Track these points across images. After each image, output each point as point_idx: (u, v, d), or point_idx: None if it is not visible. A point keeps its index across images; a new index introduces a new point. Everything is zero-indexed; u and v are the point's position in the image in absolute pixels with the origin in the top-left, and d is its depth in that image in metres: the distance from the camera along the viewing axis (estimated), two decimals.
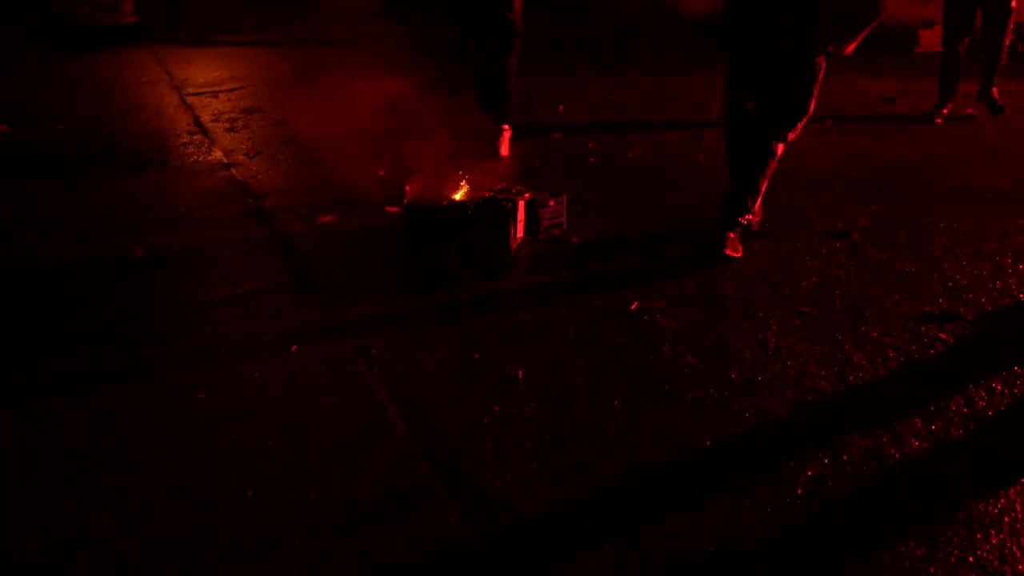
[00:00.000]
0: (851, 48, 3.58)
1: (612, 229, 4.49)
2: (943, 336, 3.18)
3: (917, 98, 7.46)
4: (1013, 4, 6.35)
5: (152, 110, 8.36)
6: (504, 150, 5.95)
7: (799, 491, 2.29)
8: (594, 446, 2.53)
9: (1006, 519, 2.18)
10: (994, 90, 6.75)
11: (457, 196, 4.42)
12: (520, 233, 4.36)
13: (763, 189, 3.96)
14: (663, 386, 2.86)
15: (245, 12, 19.53)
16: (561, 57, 10.66)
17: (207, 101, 8.85)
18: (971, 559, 2.04)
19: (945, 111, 6.76)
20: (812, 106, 3.72)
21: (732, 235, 3.95)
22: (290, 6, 19.38)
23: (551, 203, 4.52)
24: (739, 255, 3.92)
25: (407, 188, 4.57)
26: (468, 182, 4.57)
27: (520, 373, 2.96)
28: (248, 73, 11.25)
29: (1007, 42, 6.51)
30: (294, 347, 3.20)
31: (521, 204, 4.36)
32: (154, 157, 6.29)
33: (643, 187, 5.23)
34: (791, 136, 3.81)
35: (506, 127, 5.97)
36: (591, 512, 2.25)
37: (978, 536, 2.11)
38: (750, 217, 4.06)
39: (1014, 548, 2.08)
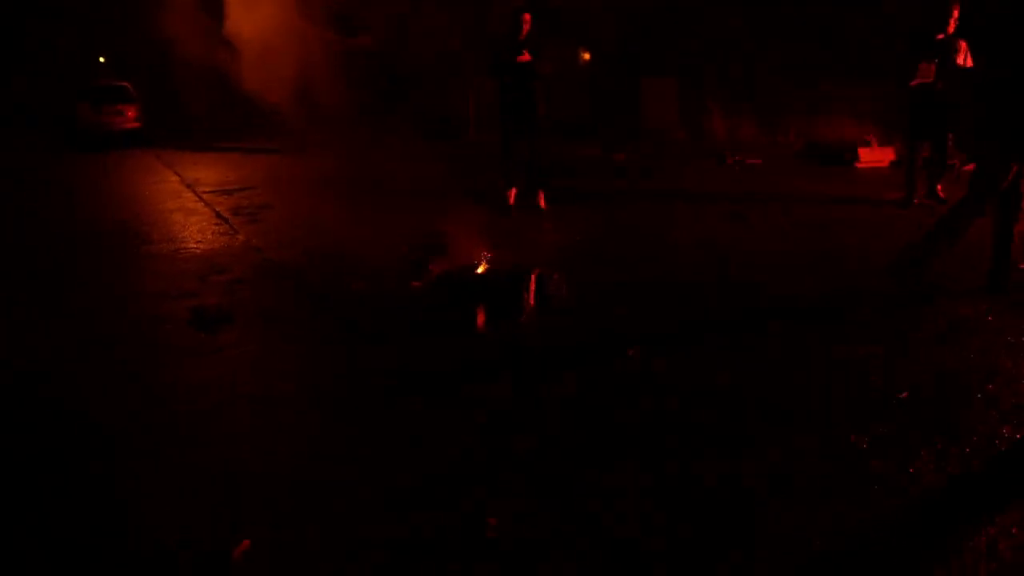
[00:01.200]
0: None
1: (600, 301, 5.33)
2: None
3: (857, 204, 8.63)
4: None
5: (175, 205, 9.18)
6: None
7: None
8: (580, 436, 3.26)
9: None
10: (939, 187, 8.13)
11: (478, 270, 5.26)
12: (532, 300, 5.17)
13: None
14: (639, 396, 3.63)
15: (233, 122, 20.69)
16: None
17: (221, 199, 9.69)
18: None
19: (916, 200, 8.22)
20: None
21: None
22: (274, 116, 20.67)
23: (555, 277, 5.37)
24: None
25: (431, 267, 5.46)
26: (483, 259, 5.42)
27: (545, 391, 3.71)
28: (252, 175, 12.18)
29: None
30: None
31: (533, 277, 5.20)
32: (193, 243, 7.05)
33: (622, 273, 6.13)
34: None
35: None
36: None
37: None
38: None
39: None
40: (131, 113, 16.36)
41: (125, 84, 17.22)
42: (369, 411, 3.56)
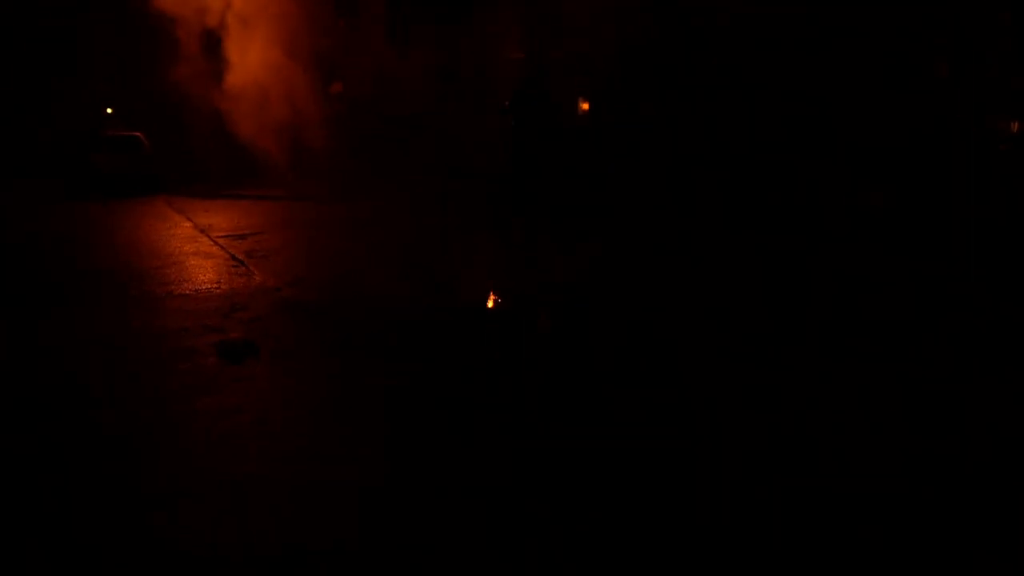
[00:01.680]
0: None
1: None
2: None
3: None
4: None
5: (192, 249, 9.53)
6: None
7: None
8: None
9: None
10: None
11: (489, 304, 5.68)
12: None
13: None
14: None
15: (234, 168, 21.12)
16: None
17: (235, 243, 10.04)
18: None
19: None
20: None
21: None
22: (270, 162, 21.30)
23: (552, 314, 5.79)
24: None
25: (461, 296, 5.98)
26: (488, 293, 5.85)
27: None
28: (262, 221, 12.55)
29: None
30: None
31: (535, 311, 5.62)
32: (212, 283, 7.38)
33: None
34: None
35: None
36: None
37: None
38: None
39: None
40: (144, 162, 16.94)
41: (138, 134, 17.81)
42: (374, 426, 3.91)
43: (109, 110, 32.82)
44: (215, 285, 7.30)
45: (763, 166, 10.23)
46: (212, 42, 21.53)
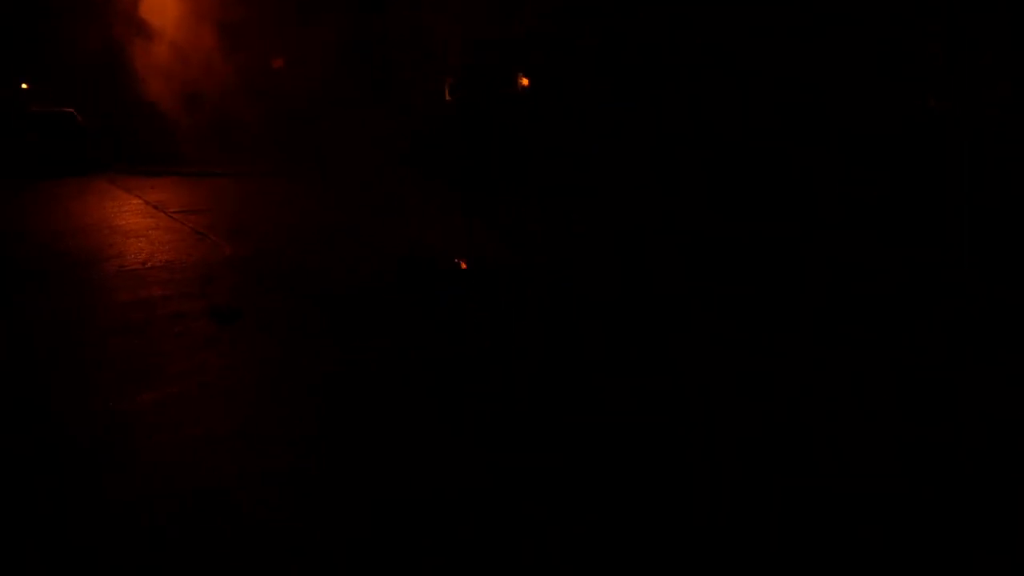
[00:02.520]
0: None
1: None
2: None
3: None
4: None
5: (151, 224, 9.88)
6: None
7: None
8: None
9: None
10: None
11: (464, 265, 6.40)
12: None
13: None
14: None
15: (171, 148, 21.07)
16: None
17: (193, 217, 10.43)
18: None
19: None
20: None
21: None
22: (206, 143, 21.27)
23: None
24: None
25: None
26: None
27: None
28: (212, 197, 12.89)
29: None
30: None
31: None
32: (184, 255, 7.83)
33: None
34: None
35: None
36: None
37: None
38: None
39: None
40: (79, 141, 16.88)
41: (70, 110, 17.68)
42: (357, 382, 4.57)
43: (24, 85, 31.74)
44: (187, 256, 7.76)
45: (754, 152, 10.05)
46: (133, 13, 21.32)
